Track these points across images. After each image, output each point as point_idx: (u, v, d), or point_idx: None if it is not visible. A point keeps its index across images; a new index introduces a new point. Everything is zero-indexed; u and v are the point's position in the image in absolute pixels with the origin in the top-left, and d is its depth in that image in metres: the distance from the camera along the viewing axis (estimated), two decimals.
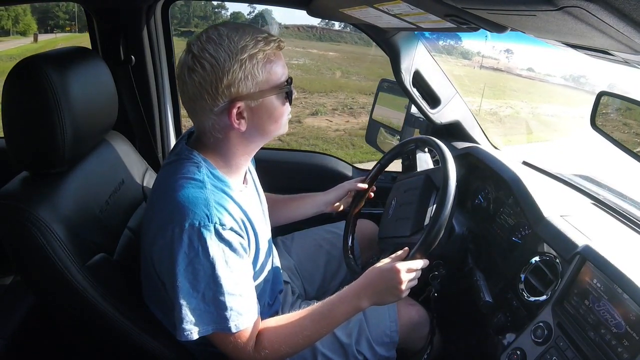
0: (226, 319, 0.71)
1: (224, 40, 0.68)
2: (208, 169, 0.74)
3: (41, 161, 0.75)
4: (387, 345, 0.95)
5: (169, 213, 0.69)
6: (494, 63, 14.58)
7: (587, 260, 0.73)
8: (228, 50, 0.68)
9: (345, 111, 8.01)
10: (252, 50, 0.68)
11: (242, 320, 0.72)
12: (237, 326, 0.72)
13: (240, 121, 0.72)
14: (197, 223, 0.67)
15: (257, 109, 0.72)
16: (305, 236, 1.20)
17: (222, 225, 0.69)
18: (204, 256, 0.68)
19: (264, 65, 0.70)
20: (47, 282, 0.74)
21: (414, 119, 1.39)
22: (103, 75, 0.88)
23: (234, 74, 0.68)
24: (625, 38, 0.41)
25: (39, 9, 12.49)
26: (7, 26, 12.18)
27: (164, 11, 1.35)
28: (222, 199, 0.72)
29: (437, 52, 1.36)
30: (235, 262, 0.72)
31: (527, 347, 0.75)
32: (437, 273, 0.93)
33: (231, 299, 0.71)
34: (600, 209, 0.97)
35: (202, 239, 0.67)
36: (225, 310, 0.71)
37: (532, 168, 1.19)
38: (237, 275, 0.72)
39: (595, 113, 0.88)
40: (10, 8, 10.94)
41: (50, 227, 0.70)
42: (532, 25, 0.55)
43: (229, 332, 0.72)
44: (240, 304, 0.72)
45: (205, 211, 0.68)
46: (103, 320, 0.75)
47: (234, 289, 0.71)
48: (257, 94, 0.71)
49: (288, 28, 14.36)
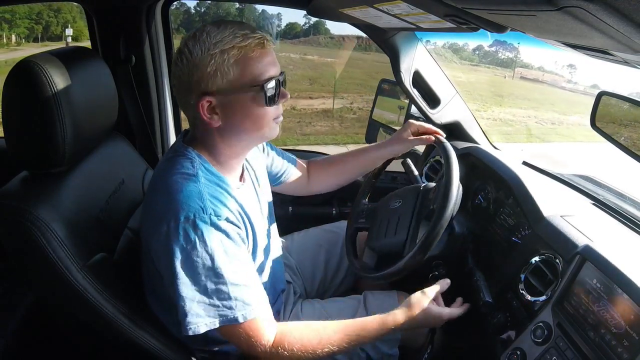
0: (232, 310, 0.70)
1: (203, 35, 0.69)
2: (202, 164, 0.74)
3: (41, 161, 0.75)
4: (389, 343, 0.95)
5: (164, 208, 0.69)
6: (537, 75, 14.66)
7: (587, 260, 0.73)
8: (202, 45, 0.68)
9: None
10: (225, 45, 0.68)
11: (250, 311, 0.71)
12: (244, 316, 0.70)
13: (213, 116, 0.72)
14: (192, 215, 0.67)
15: (229, 105, 0.71)
16: (305, 236, 1.20)
17: (217, 216, 0.69)
18: (201, 248, 0.67)
19: (237, 61, 0.69)
20: (47, 282, 0.74)
21: (414, 119, 1.39)
22: (103, 75, 0.88)
23: (204, 69, 0.68)
24: (625, 38, 0.41)
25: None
26: (56, 32, 12.83)
27: (164, 11, 1.35)
28: (215, 192, 0.72)
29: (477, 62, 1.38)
30: (234, 252, 0.71)
31: (527, 347, 0.75)
32: (437, 273, 0.93)
33: (235, 289, 0.70)
34: (600, 209, 0.97)
35: (198, 231, 0.67)
36: (229, 301, 0.69)
37: (532, 168, 1.19)
38: (238, 265, 0.71)
39: (595, 113, 0.88)
40: (59, 15, 11.62)
41: (50, 227, 0.70)
42: (532, 25, 0.55)
43: (237, 323, 0.70)
44: (246, 294, 0.71)
45: (200, 203, 0.68)
46: (103, 320, 0.75)
47: (237, 279, 0.70)
48: (228, 90, 0.70)
49: (333, 38, 14.44)
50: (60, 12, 12.03)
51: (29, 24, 12.56)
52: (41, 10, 12.25)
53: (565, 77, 15.05)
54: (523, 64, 15.11)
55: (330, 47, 14.34)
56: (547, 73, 15.06)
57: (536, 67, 15.10)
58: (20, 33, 12.54)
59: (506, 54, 15.03)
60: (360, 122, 9.35)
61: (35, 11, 12.06)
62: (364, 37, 1.26)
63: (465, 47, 15.56)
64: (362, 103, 10.17)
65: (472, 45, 15.26)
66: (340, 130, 8.89)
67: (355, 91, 10.91)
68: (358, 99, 10.46)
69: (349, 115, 9.63)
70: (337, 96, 10.33)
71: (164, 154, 1.43)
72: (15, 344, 0.95)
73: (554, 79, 14.87)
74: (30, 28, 12.66)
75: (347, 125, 9.19)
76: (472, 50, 15.77)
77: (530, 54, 14.58)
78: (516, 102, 11.72)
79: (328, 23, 14.01)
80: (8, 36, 12.28)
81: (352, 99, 10.36)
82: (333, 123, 9.22)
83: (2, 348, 0.92)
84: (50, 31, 12.92)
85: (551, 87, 14.27)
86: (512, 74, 14.55)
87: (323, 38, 14.42)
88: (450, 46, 15.12)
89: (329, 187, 1.13)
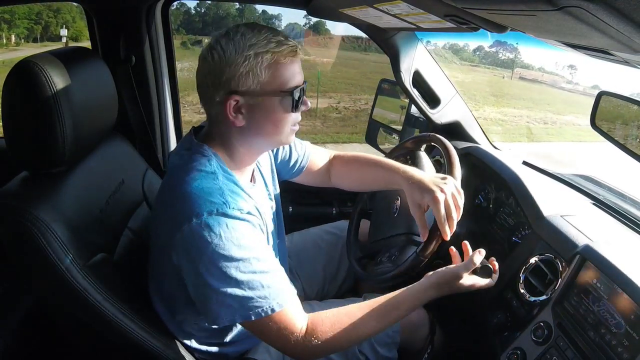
0: (266, 300, 0.69)
1: (237, 36, 0.70)
2: (219, 165, 0.74)
3: (41, 161, 0.75)
4: (388, 346, 0.95)
5: (184, 205, 0.69)
6: (537, 75, 14.65)
7: (587, 260, 0.73)
8: (237, 45, 0.69)
9: None
10: (260, 49, 0.70)
11: (284, 297, 0.70)
12: (280, 304, 0.69)
13: (238, 116, 0.72)
14: (214, 210, 0.67)
15: (256, 107, 0.73)
16: (304, 237, 1.20)
17: (240, 210, 0.69)
18: (227, 240, 0.67)
19: (270, 66, 0.71)
20: (47, 282, 0.74)
21: (414, 119, 1.39)
22: (103, 75, 0.88)
23: (237, 68, 0.70)
24: (625, 38, 0.41)
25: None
26: (55, 32, 12.87)
27: (164, 11, 1.35)
28: (234, 189, 0.72)
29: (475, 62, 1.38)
30: (261, 241, 0.71)
31: (527, 347, 0.75)
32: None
33: (266, 277, 0.69)
34: (601, 209, 0.97)
35: (222, 224, 0.67)
36: (262, 290, 0.68)
37: (532, 168, 1.19)
38: (266, 253, 0.71)
39: (595, 113, 0.89)
40: (58, 15, 11.66)
41: (50, 227, 0.70)
42: (532, 25, 0.55)
43: (272, 312, 0.69)
44: (277, 281, 0.70)
45: (221, 199, 0.69)
46: (103, 320, 0.75)
47: (267, 267, 0.70)
48: (257, 92, 0.71)
49: (332, 39, 14.46)
50: (60, 12, 12.07)
51: (29, 24, 12.60)
52: (41, 10, 12.27)
53: (565, 77, 15.09)
54: (523, 64, 15.15)
55: (330, 48, 14.36)
56: (547, 74, 15.10)
57: (536, 67, 15.14)
58: (19, 33, 12.58)
59: (506, 54, 15.07)
60: (343, 121, 9.29)
61: (35, 11, 12.09)
62: (363, 37, 1.26)
63: (466, 47, 15.59)
64: (349, 102, 10.13)
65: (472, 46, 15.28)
66: (322, 129, 8.88)
67: (344, 90, 10.94)
68: (346, 99, 10.45)
69: (332, 114, 9.61)
70: (326, 95, 10.32)
71: (164, 155, 1.43)
72: (15, 344, 0.95)
73: (553, 80, 14.90)
74: (30, 28, 12.71)
75: (329, 124, 9.18)
76: (472, 50, 15.80)
77: (530, 55, 14.63)
78: (510, 102, 11.76)
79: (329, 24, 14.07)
80: (7, 36, 12.31)
81: (339, 99, 10.37)
82: (315, 122, 9.21)
83: (2, 348, 0.92)
84: (50, 31, 12.98)
85: (550, 88, 14.30)
86: (511, 75, 14.57)
87: (322, 38, 14.44)
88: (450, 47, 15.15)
89: (346, 186, 1.07)
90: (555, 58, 14.34)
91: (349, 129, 8.88)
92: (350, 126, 9.03)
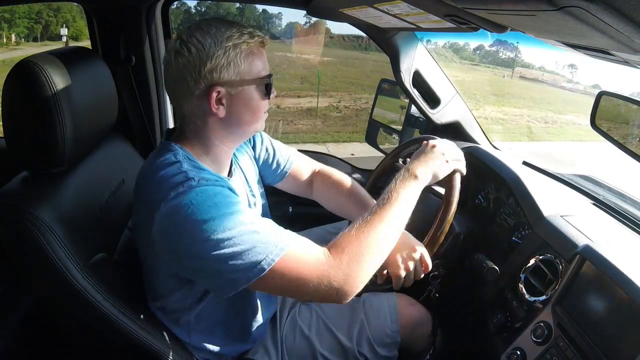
0: (274, 245, 0.66)
1: (211, 29, 0.71)
2: (186, 156, 0.74)
3: (41, 161, 0.75)
4: (388, 346, 0.95)
5: (154, 194, 0.68)
6: (537, 74, 14.61)
7: (587, 260, 0.73)
8: (214, 37, 0.71)
9: None
10: (236, 40, 0.71)
11: (284, 240, 0.67)
12: (282, 248, 0.66)
13: (219, 107, 0.74)
14: (179, 188, 0.66)
15: (236, 97, 0.74)
16: (305, 237, 1.19)
17: (204, 179, 0.68)
18: (203, 208, 0.65)
19: (247, 56, 0.73)
20: (47, 282, 0.74)
21: (414, 119, 1.39)
22: (103, 75, 0.88)
23: (218, 60, 0.71)
24: (625, 38, 0.41)
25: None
26: (56, 31, 12.90)
27: (164, 11, 1.35)
28: (200, 172, 0.71)
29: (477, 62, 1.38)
30: (237, 201, 0.68)
31: (527, 347, 0.75)
32: (437, 273, 0.93)
33: (258, 225, 0.67)
34: (601, 209, 0.97)
35: (191, 195, 0.65)
36: (257, 241, 0.65)
37: (532, 168, 1.19)
38: (246, 208, 0.69)
39: (595, 113, 0.89)
40: (58, 15, 11.69)
41: (50, 227, 0.70)
42: (532, 25, 0.55)
43: (278, 258, 0.66)
44: (269, 228, 0.69)
45: (184, 175, 0.68)
46: (103, 320, 0.75)
47: (251, 218, 0.67)
48: (237, 82, 0.73)
49: (332, 37, 14.45)
50: (60, 11, 12.09)
51: (29, 23, 12.61)
52: (41, 9, 12.27)
53: (565, 76, 15.08)
54: (524, 63, 15.14)
55: (330, 47, 14.35)
56: (548, 73, 15.09)
57: (537, 67, 15.13)
58: (19, 32, 12.58)
59: (507, 53, 15.05)
60: (344, 120, 9.28)
61: (35, 10, 12.10)
62: (364, 36, 1.26)
63: (466, 47, 15.58)
64: (349, 102, 10.12)
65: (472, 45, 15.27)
66: (322, 128, 8.89)
67: (344, 90, 10.93)
68: (346, 98, 10.44)
69: (333, 113, 9.60)
70: (326, 95, 10.31)
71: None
72: (15, 344, 0.95)
73: (554, 79, 14.89)
74: (30, 27, 12.72)
75: (329, 123, 9.17)
76: (472, 50, 15.79)
77: (531, 54, 14.62)
78: (511, 102, 11.75)
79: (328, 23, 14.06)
80: (7, 35, 12.31)
81: (340, 98, 10.35)
82: (315, 122, 9.23)
83: (2, 348, 0.92)
84: (50, 30, 12.99)
85: (550, 87, 14.29)
86: (512, 74, 14.56)
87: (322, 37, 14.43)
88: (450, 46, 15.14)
89: (328, 208, 1.07)
90: (555, 57, 14.37)
91: (349, 128, 8.89)
92: (351, 125, 9.03)
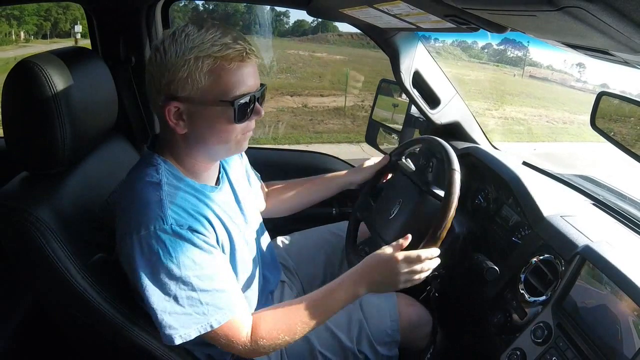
0: (205, 316, 0.70)
1: (181, 37, 0.66)
2: (168, 170, 0.73)
3: (41, 161, 0.75)
4: (388, 345, 0.95)
5: (127, 220, 0.69)
6: (547, 73, 14.58)
7: (587, 261, 0.73)
8: (179, 47, 0.65)
9: None
10: (201, 52, 0.64)
11: (223, 314, 0.71)
12: (218, 321, 0.70)
13: (179, 122, 0.69)
14: (152, 227, 0.66)
15: (197, 115, 0.68)
16: (305, 237, 1.19)
17: (179, 225, 0.68)
18: (166, 259, 0.67)
19: (212, 71, 0.65)
20: (46, 283, 0.74)
21: (414, 119, 1.39)
22: (103, 75, 0.88)
23: (176, 72, 0.66)
24: (625, 38, 0.41)
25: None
26: (65, 28, 13.02)
27: (164, 11, 1.35)
28: (179, 199, 0.70)
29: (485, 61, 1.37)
30: (201, 259, 0.70)
31: (527, 347, 0.75)
32: (437, 273, 0.93)
33: (205, 296, 0.69)
34: (601, 209, 0.97)
35: (160, 242, 0.66)
36: (201, 307, 0.69)
37: (532, 168, 1.19)
38: (208, 271, 0.70)
39: (595, 113, 0.89)
40: (67, 12, 11.78)
41: (49, 227, 0.70)
42: (532, 26, 0.55)
43: (211, 329, 0.70)
44: (217, 299, 0.70)
45: (160, 213, 0.67)
46: (103, 320, 0.75)
47: (207, 285, 0.70)
48: (197, 99, 0.67)
49: (341, 36, 14.39)
50: (69, 9, 12.09)
51: (38, 20, 12.62)
52: (50, 7, 12.29)
53: (574, 75, 15.01)
54: (532, 62, 15.09)
55: (339, 45, 14.29)
56: (556, 72, 15.02)
57: (545, 65, 15.06)
58: (28, 30, 12.58)
59: (515, 52, 14.98)
60: None
61: (44, 8, 12.12)
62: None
63: (474, 45, 15.53)
64: (372, 100, 10.21)
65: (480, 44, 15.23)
66: (353, 128, 8.79)
67: (365, 88, 10.90)
68: (369, 97, 10.42)
69: (360, 113, 9.49)
70: (349, 94, 10.28)
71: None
72: (15, 345, 0.95)
73: (563, 78, 14.82)
74: (39, 25, 12.71)
75: (359, 123, 9.04)
76: (480, 48, 15.74)
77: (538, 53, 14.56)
78: (526, 101, 11.67)
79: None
80: (17, 33, 12.32)
81: (363, 97, 10.29)
82: (345, 121, 9.14)
83: (2, 349, 0.92)
84: (59, 28, 12.98)
85: (560, 86, 14.22)
86: (522, 73, 14.51)
87: (331, 35, 14.37)
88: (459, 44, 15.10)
89: (282, 212, 1.13)
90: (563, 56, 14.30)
91: None
92: None
